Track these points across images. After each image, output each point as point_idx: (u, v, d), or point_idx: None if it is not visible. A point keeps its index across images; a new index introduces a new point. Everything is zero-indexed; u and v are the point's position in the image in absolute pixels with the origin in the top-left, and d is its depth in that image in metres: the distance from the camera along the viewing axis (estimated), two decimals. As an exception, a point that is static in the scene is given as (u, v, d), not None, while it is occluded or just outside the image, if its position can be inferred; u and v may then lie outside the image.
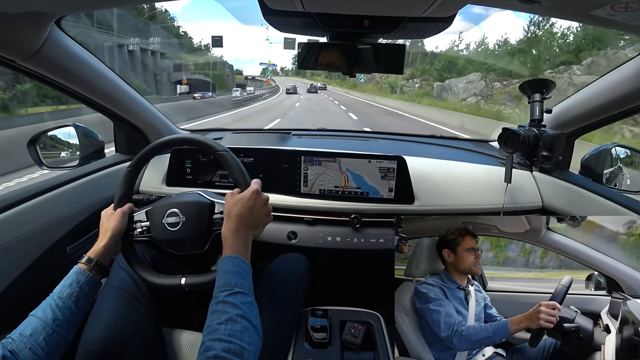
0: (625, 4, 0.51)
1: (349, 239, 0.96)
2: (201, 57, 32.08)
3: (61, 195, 0.86)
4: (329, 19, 0.70)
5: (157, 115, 1.16)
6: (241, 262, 0.56)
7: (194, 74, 27.19)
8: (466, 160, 1.10)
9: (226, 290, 0.51)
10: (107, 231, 0.64)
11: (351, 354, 0.76)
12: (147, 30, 26.36)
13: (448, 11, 0.64)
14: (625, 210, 0.80)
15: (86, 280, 0.58)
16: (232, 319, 0.48)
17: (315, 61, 0.77)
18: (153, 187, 1.06)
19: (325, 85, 38.06)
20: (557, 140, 0.82)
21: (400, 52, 0.77)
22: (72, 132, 1.02)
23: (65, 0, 0.63)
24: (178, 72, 26.42)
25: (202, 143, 0.69)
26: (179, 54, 30.94)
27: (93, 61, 0.85)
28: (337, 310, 0.86)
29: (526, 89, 0.89)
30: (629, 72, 0.74)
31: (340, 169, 0.98)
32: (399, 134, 1.51)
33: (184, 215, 0.65)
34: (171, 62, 27.27)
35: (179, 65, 27.70)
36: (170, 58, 27.79)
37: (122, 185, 0.69)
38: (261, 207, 0.62)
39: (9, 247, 0.72)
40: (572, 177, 0.97)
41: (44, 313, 0.53)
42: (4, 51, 0.65)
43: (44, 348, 0.50)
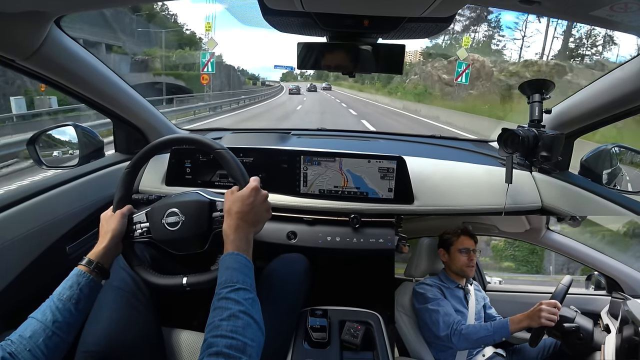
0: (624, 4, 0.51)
1: (348, 239, 0.96)
2: (174, 53, 21.38)
3: (60, 194, 0.86)
4: (329, 18, 0.70)
5: (157, 115, 1.16)
6: (243, 259, 0.56)
7: (160, 75, 17.79)
8: (466, 161, 1.10)
9: (228, 286, 0.51)
10: (107, 233, 0.64)
11: (350, 354, 0.76)
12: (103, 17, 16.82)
13: (447, 11, 0.64)
14: (625, 211, 0.80)
15: (86, 283, 0.58)
16: (234, 315, 0.48)
17: (314, 61, 0.77)
18: (152, 187, 1.06)
19: (329, 85, 37.84)
20: (557, 140, 0.82)
21: (400, 52, 0.77)
22: (71, 132, 1.01)
23: (65, 0, 0.63)
24: (138, 73, 17.43)
25: (200, 142, 0.69)
26: (148, 47, 20.86)
27: (92, 61, 0.85)
28: (336, 310, 0.86)
29: (525, 89, 0.89)
30: (629, 72, 0.74)
31: (340, 170, 0.98)
32: (399, 134, 1.51)
33: (184, 215, 0.65)
34: (128, 58, 18.57)
35: (140, 61, 18.90)
36: (125, 53, 18.96)
37: (121, 187, 0.69)
38: (261, 204, 0.62)
39: (8, 246, 0.72)
40: (572, 178, 0.97)
41: (44, 315, 0.52)
42: (3, 51, 0.64)
43: (43, 350, 0.50)
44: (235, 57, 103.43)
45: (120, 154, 1.14)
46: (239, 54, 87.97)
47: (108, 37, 17.83)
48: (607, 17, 0.56)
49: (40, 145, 0.97)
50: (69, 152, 1.02)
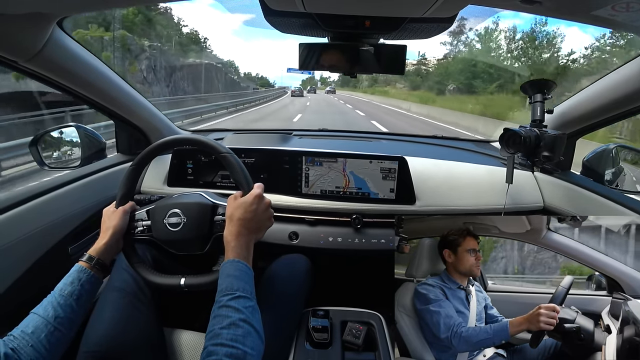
0: (626, 4, 0.51)
1: (350, 239, 0.96)
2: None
3: (63, 195, 0.87)
4: (330, 19, 0.70)
5: (158, 116, 1.16)
6: (243, 266, 0.56)
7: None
8: (467, 161, 1.10)
9: (229, 294, 0.51)
10: (109, 229, 0.64)
11: (352, 355, 0.76)
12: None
13: (449, 12, 0.64)
14: (627, 211, 0.80)
15: (87, 278, 0.58)
16: (234, 324, 0.48)
17: (316, 62, 0.77)
18: (154, 188, 1.06)
19: (334, 89, 37.35)
20: (559, 140, 0.82)
21: (401, 52, 0.77)
22: (73, 133, 1.02)
23: (67, 1, 0.63)
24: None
25: (205, 144, 0.69)
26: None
27: (95, 62, 0.85)
28: (338, 310, 0.86)
29: (527, 89, 0.88)
30: (631, 72, 0.73)
31: (344, 171, 0.98)
32: (400, 134, 1.51)
33: (186, 216, 0.66)
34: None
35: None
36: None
37: (125, 184, 0.69)
38: (263, 212, 0.62)
39: (12, 247, 0.73)
40: (574, 178, 0.97)
41: (46, 311, 0.53)
42: (6, 52, 0.65)
43: (45, 345, 0.50)
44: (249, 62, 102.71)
45: (122, 155, 1.15)
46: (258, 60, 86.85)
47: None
48: (609, 17, 0.56)
49: (43, 146, 0.97)
50: (71, 153, 1.03)
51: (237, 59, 38.94)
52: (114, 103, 0.98)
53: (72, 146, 1.03)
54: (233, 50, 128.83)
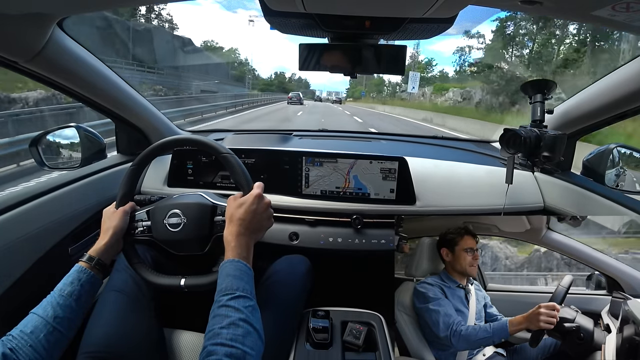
0: (626, 4, 0.51)
1: (350, 239, 0.96)
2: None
3: (63, 196, 0.87)
4: (330, 20, 0.70)
5: (159, 116, 1.16)
6: (243, 266, 0.56)
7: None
8: (467, 161, 1.10)
9: (228, 294, 0.51)
10: (109, 229, 0.64)
11: (352, 355, 0.76)
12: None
13: (449, 12, 0.64)
14: (627, 211, 0.80)
15: (87, 279, 0.58)
16: (234, 323, 0.48)
17: (316, 62, 0.77)
18: (154, 188, 1.06)
19: (340, 99, 36.70)
20: (559, 140, 0.82)
21: (401, 53, 0.77)
22: (73, 133, 1.02)
23: (67, 2, 0.63)
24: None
25: (205, 144, 0.69)
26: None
27: (95, 62, 0.85)
28: (338, 311, 0.86)
29: (528, 89, 0.88)
30: (631, 72, 0.73)
31: (347, 173, 0.98)
32: (400, 135, 1.51)
33: (186, 217, 0.66)
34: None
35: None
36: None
37: (125, 184, 0.69)
38: (263, 212, 0.62)
39: (12, 247, 0.73)
40: (574, 178, 0.97)
41: (45, 311, 0.53)
42: (6, 52, 0.65)
43: (44, 345, 0.50)
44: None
45: (122, 155, 1.15)
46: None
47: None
48: (609, 17, 0.56)
49: (43, 147, 0.97)
50: (71, 154, 1.03)
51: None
52: (114, 103, 0.98)
53: (72, 146, 1.03)
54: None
